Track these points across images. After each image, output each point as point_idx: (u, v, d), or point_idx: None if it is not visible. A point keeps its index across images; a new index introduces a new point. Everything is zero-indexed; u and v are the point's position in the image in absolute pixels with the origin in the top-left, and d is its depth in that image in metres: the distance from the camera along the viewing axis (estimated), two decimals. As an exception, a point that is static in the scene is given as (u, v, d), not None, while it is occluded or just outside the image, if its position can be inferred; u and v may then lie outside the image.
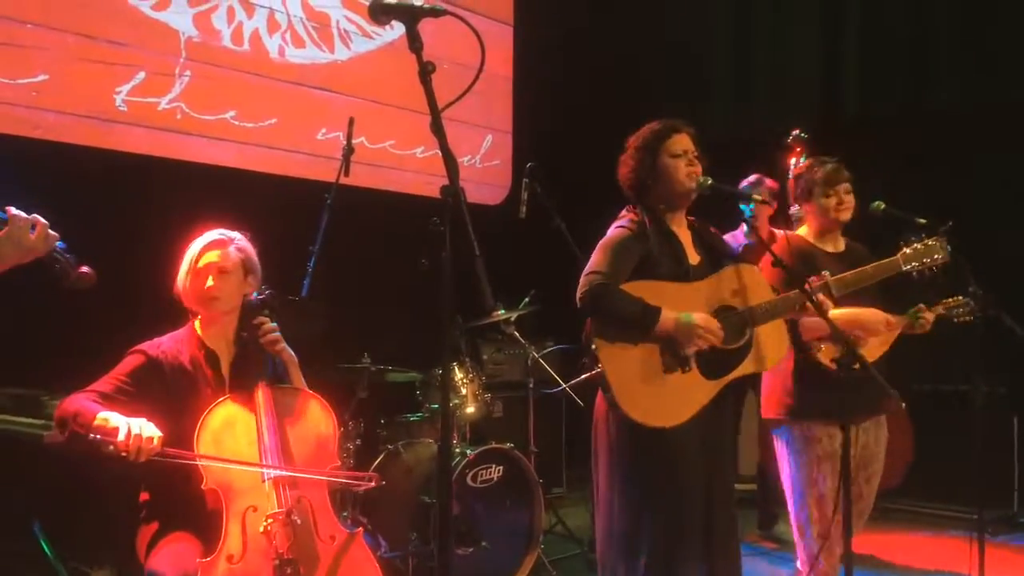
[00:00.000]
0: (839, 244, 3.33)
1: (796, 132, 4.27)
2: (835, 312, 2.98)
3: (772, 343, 2.81)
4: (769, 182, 4.88)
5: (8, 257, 2.10)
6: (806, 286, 2.76)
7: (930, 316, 3.25)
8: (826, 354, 2.99)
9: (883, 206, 3.27)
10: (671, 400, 2.66)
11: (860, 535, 3.18)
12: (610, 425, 2.75)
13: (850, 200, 3.25)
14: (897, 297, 3.24)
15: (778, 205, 4.66)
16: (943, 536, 5.12)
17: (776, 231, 4.50)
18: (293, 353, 2.77)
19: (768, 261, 3.07)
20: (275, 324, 2.73)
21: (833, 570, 3.21)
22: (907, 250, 3.08)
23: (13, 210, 2.11)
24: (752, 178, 4.92)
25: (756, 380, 3.32)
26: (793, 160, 4.23)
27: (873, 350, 3.15)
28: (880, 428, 3.27)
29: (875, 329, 3.15)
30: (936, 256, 3.08)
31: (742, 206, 4.65)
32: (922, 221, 3.21)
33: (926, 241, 3.09)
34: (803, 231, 3.37)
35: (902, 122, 6.09)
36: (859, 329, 3.13)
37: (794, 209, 3.86)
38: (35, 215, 2.13)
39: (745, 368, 2.77)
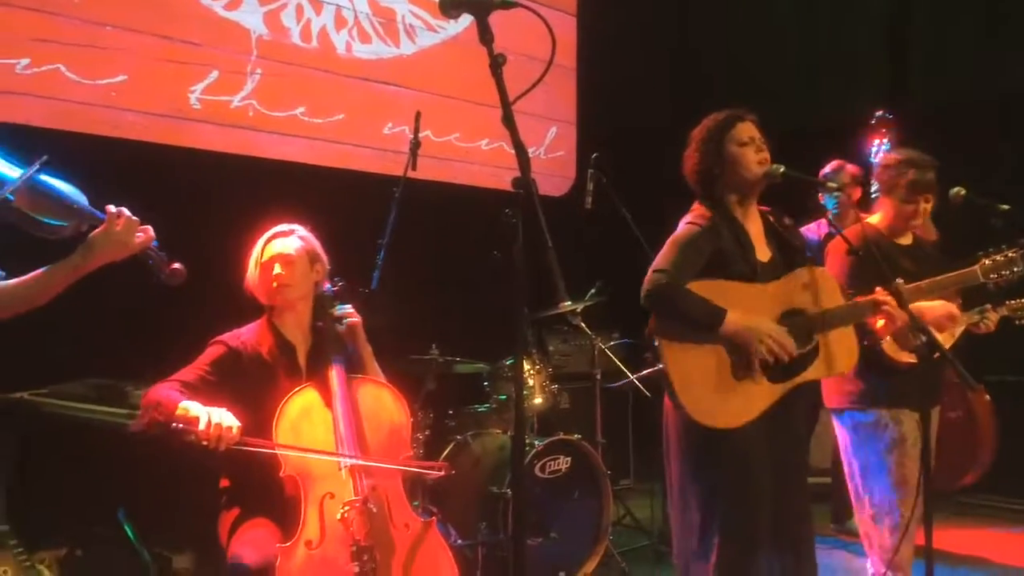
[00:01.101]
0: (909, 237, 3.27)
1: (880, 113, 4.17)
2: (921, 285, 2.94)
3: (843, 348, 2.74)
4: (851, 168, 4.72)
5: (104, 254, 2.19)
6: (877, 292, 2.71)
7: (995, 316, 3.16)
8: (890, 346, 2.93)
9: (963, 192, 3.18)
10: (733, 402, 2.61)
11: (938, 530, 3.12)
12: (678, 422, 2.73)
13: (927, 210, 3.17)
14: (964, 291, 3.15)
15: (861, 190, 4.56)
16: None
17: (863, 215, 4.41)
18: (369, 346, 2.82)
19: (839, 248, 3.01)
20: (347, 305, 2.80)
21: (908, 564, 3.15)
22: (987, 261, 2.98)
23: (112, 208, 2.21)
24: (834, 164, 4.74)
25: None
26: (876, 141, 4.13)
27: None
28: (935, 417, 3.20)
29: (939, 324, 3.07)
30: (1016, 269, 2.97)
31: (826, 198, 4.55)
32: (1005, 207, 3.11)
33: (1007, 253, 2.97)
34: (875, 219, 3.29)
35: (972, 106, 5.89)
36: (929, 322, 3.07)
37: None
38: (130, 215, 2.21)
39: (813, 373, 2.71)
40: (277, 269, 2.71)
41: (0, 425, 3.33)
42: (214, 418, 2.35)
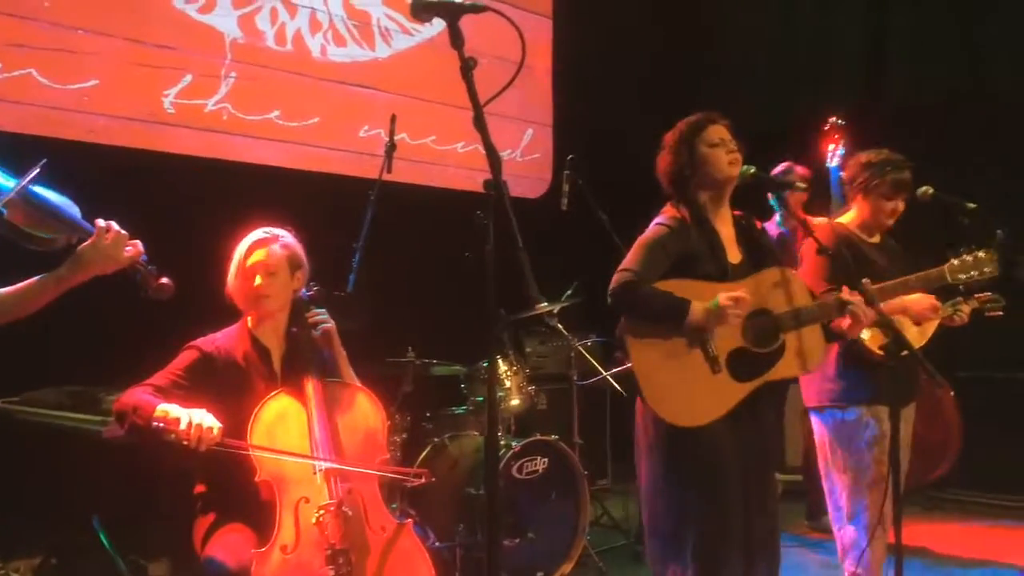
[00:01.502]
0: (877, 236, 3.31)
1: (834, 119, 4.22)
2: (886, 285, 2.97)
3: (810, 348, 2.76)
4: (800, 169, 4.80)
5: (92, 267, 2.19)
6: (844, 291, 2.74)
7: (967, 308, 3.21)
8: (872, 340, 2.96)
9: (931, 191, 3.23)
10: (700, 400, 2.64)
11: (909, 526, 3.16)
12: (647, 422, 2.76)
13: (901, 208, 3.22)
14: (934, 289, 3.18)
15: (810, 192, 4.64)
16: (996, 526, 5.04)
17: (811, 219, 4.48)
18: (343, 351, 2.82)
19: (811, 248, 3.04)
20: (322, 310, 2.80)
21: (880, 561, 3.18)
22: (955, 261, 2.98)
23: (101, 222, 2.20)
24: (783, 165, 4.83)
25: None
26: (831, 146, 4.18)
27: (913, 337, 3.11)
28: (911, 413, 3.25)
29: (923, 315, 3.12)
30: (986, 269, 2.96)
31: (772, 196, 4.61)
32: (971, 205, 3.16)
33: (977, 253, 2.96)
34: (846, 219, 3.33)
35: (946, 110, 5.97)
36: (906, 315, 3.11)
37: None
38: (119, 228, 2.21)
39: (783, 371, 2.73)
40: (258, 280, 2.69)
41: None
42: (195, 418, 2.35)
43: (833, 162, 4.16)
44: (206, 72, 4.71)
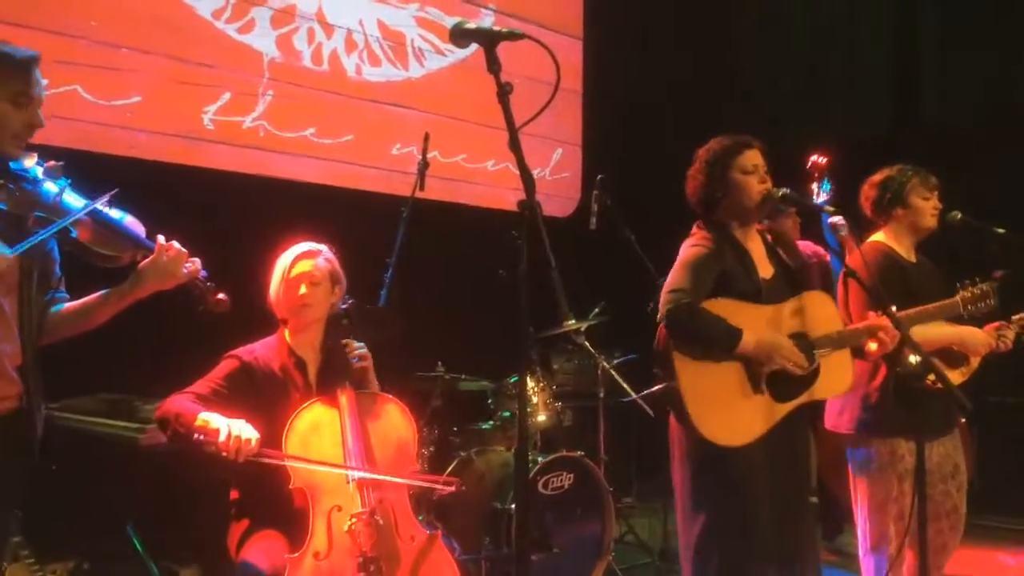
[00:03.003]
0: (913, 255, 3.29)
1: (814, 158, 4.17)
2: (942, 327, 3.02)
3: (839, 372, 2.81)
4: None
5: (152, 283, 2.26)
6: (870, 317, 2.77)
7: (1011, 334, 3.20)
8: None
9: (960, 216, 3.23)
10: (740, 420, 2.68)
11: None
12: (683, 440, 2.79)
13: (938, 207, 3.23)
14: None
15: (802, 221, 4.62)
16: (1022, 551, 4.99)
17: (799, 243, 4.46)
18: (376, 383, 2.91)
19: (856, 265, 3.06)
20: (362, 344, 2.86)
21: None
22: (965, 293, 3.06)
23: (161, 239, 2.28)
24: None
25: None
26: (814, 185, 4.13)
27: (956, 377, 3.11)
28: (955, 438, 3.23)
29: (976, 350, 3.12)
30: (990, 301, 3.06)
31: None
32: (1000, 231, 3.16)
33: (981, 286, 3.06)
34: (880, 237, 3.30)
35: (978, 129, 5.96)
36: (961, 347, 3.11)
37: (838, 220, 3.79)
38: (179, 246, 2.29)
39: (819, 392, 2.78)
40: (303, 289, 2.77)
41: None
42: (234, 430, 2.41)
43: (820, 198, 4.10)
44: (244, 90, 4.83)
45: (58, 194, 2.14)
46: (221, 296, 2.38)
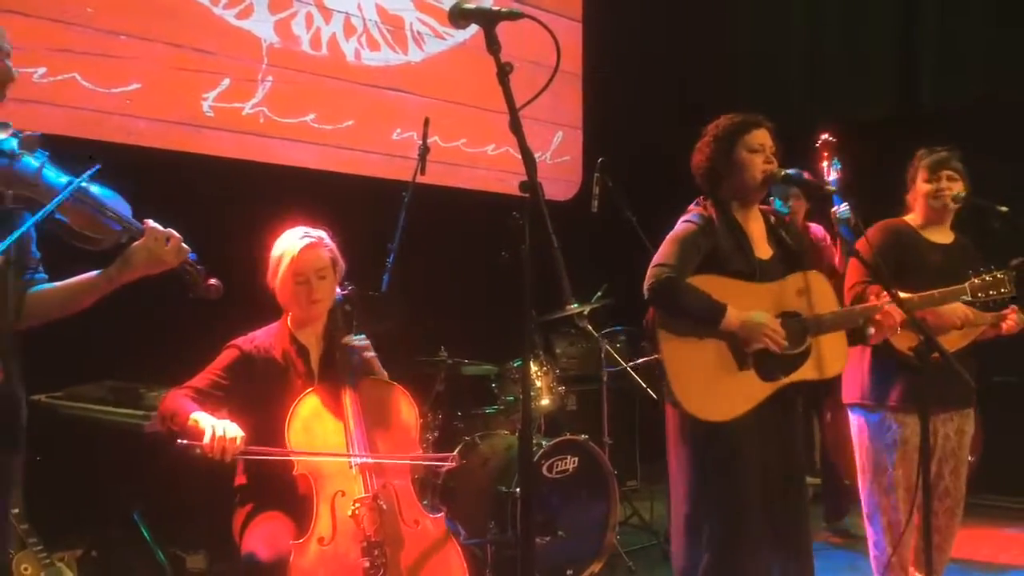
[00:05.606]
0: (947, 236, 3.29)
1: (824, 136, 4.16)
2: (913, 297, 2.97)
3: (834, 352, 2.80)
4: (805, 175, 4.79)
5: (141, 267, 2.19)
6: (871, 297, 2.76)
7: (1014, 316, 3.19)
8: (901, 340, 2.96)
9: (963, 194, 3.22)
10: (725, 396, 2.68)
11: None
12: (675, 418, 2.80)
13: (951, 187, 3.21)
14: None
15: (810, 204, 4.63)
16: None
17: (809, 224, 4.48)
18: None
19: (861, 246, 3.06)
20: (361, 336, 2.85)
21: (906, 566, 3.18)
22: (976, 280, 3.02)
23: (150, 223, 2.21)
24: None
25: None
26: (824, 164, 4.12)
27: (954, 340, 3.11)
28: (965, 420, 3.22)
29: (950, 323, 3.10)
30: (1002, 290, 3.01)
31: (776, 201, 4.58)
32: (1003, 209, 3.16)
33: (996, 274, 3.01)
34: (910, 218, 3.33)
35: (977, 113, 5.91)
36: (934, 320, 3.10)
37: (843, 208, 3.80)
38: (170, 229, 2.23)
39: (804, 374, 2.76)
40: (314, 284, 2.74)
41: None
42: (218, 431, 2.40)
43: (830, 175, 4.09)
44: (244, 76, 4.81)
45: (38, 169, 2.02)
46: (213, 282, 2.33)
